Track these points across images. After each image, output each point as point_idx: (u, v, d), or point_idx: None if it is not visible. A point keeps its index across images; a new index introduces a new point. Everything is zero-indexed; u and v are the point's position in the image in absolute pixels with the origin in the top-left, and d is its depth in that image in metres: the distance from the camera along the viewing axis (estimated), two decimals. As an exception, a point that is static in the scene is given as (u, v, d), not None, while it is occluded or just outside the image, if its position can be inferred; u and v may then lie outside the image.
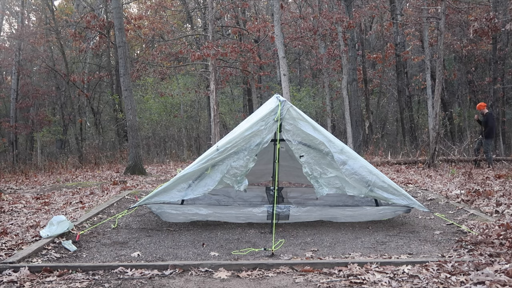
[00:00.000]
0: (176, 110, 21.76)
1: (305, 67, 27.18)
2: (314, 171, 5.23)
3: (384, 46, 21.43)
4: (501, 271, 3.43)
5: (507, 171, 10.36)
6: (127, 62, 12.76)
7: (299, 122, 5.22)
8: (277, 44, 12.92)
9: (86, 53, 22.94)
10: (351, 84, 17.51)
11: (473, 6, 17.75)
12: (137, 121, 13.96)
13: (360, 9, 19.12)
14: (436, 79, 13.44)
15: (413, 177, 9.83)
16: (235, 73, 20.44)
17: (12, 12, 27.10)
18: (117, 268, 3.87)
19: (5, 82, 26.11)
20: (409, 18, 19.98)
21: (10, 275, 3.70)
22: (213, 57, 14.68)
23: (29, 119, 23.06)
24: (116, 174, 12.45)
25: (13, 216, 6.32)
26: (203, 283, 3.55)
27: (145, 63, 19.35)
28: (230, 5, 20.16)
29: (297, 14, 20.38)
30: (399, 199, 5.24)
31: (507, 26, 11.27)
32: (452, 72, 21.82)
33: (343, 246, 4.63)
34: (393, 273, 3.65)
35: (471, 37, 17.17)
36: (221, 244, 4.73)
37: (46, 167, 15.27)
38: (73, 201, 7.36)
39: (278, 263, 3.93)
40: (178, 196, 5.23)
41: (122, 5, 17.20)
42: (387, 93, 24.53)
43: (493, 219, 5.33)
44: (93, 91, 23.70)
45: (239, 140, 5.12)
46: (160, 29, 21.27)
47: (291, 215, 5.45)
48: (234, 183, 5.18)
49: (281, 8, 14.33)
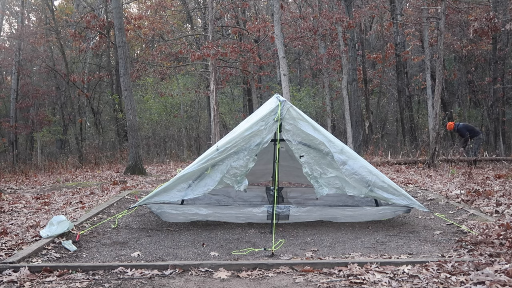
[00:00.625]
0: (176, 110, 21.75)
1: (305, 67, 27.18)
2: (314, 171, 5.23)
3: (384, 46, 21.43)
4: (501, 271, 3.43)
5: (507, 171, 10.36)
6: (127, 62, 12.76)
7: (299, 122, 5.22)
8: (277, 44, 12.92)
9: (86, 53, 22.94)
10: (351, 84, 17.51)
11: (473, 6, 17.75)
12: (137, 121, 13.96)
13: (360, 9, 19.12)
14: (436, 79, 13.44)
15: (413, 177, 9.83)
16: (235, 73, 20.43)
17: (12, 12, 27.10)
18: (117, 268, 3.87)
19: (5, 82, 26.11)
20: (409, 18, 19.98)
21: (10, 275, 3.70)
22: (213, 57, 14.68)
23: (29, 119, 23.06)
24: (116, 174, 12.45)
25: (13, 216, 6.32)
26: (203, 283, 3.56)
27: (145, 63, 19.35)
28: (230, 5, 20.16)
29: (297, 14, 20.37)
30: (399, 199, 5.24)
31: (507, 26, 11.26)
32: (452, 72, 21.82)
33: (343, 246, 4.63)
34: (393, 273, 3.65)
35: (471, 37, 17.17)
36: (221, 244, 4.73)
37: (46, 167, 15.27)
38: (73, 201, 7.36)
39: (278, 263, 3.93)
40: (178, 196, 5.23)
41: (122, 5, 17.18)
42: (387, 93, 24.53)
43: (493, 219, 5.33)
44: (93, 91, 23.70)
45: (239, 140, 5.12)
46: (160, 29, 21.27)
47: (291, 215, 5.45)
48: (234, 183, 5.18)
49: (281, 8, 14.33)
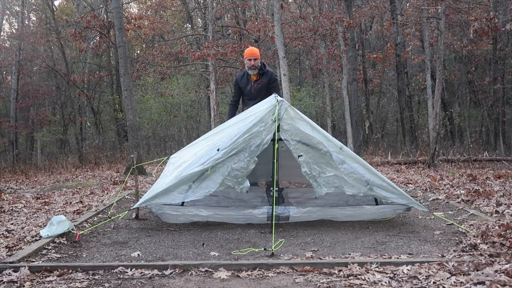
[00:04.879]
0: (176, 110, 21.76)
1: (305, 67, 27.18)
2: (312, 170, 5.23)
3: (384, 46, 21.43)
4: (501, 271, 3.43)
5: (507, 171, 10.36)
6: (127, 62, 12.76)
7: (297, 121, 5.22)
8: (277, 44, 12.92)
9: (86, 53, 22.95)
10: (351, 84, 17.51)
11: (473, 6, 17.74)
12: (137, 121, 13.96)
13: (360, 9, 19.13)
14: (436, 79, 13.44)
15: (413, 177, 9.83)
16: (235, 73, 20.43)
17: (12, 12, 27.12)
18: (117, 268, 3.86)
19: (5, 82, 26.12)
20: (409, 18, 19.98)
21: (10, 275, 3.70)
22: (213, 57, 14.69)
23: (29, 119, 23.07)
24: (116, 174, 12.45)
25: (13, 216, 6.32)
26: (203, 283, 3.55)
27: (145, 63, 19.35)
28: (230, 5, 20.17)
29: (297, 14, 20.39)
30: (398, 197, 5.24)
31: (507, 26, 11.27)
32: (452, 72, 21.82)
33: (343, 246, 4.63)
34: (393, 273, 3.65)
35: (471, 37, 17.18)
36: (221, 244, 4.73)
37: (46, 167, 15.29)
38: (73, 201, 7.36)
39: (278, 263, 3.93)
40: (179, 198, 5.20)
41: (122, 5, 17.19)
42: (387, 93, 24.54)
43: (493, 219, 5.32)
44: (93, 91, 23.70)
45: (240, 142, 5.12)
46: (160, 29, 21.27)
47: (291, 216, 5.45)
48: (235, 185, 5.19)
49: (281, 8, 14.33)
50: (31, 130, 22.70)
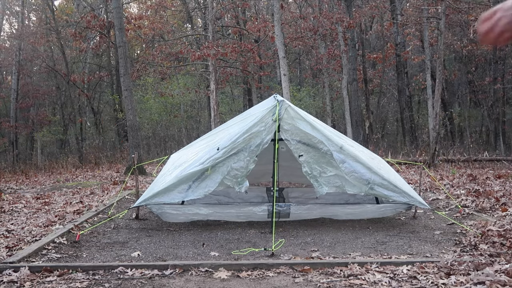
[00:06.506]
0: (176, 110, 21.75)
1: (305, 67, 27.18)
2: (313, 170, 5.22)
3: (384, 46, 21.41)
4: (501, 271, 3.43)
5: (507, 171, 10.35)
6: (127, 62, 12.76)
7: (297, 121, 5.21)
8: (277, 44, 12.92)
9: (86, 53, 22.95)
10: (351, 84, 17.50)
11: (473, 6, 17.73)
12: (137, 121, 13.97)
13: (360, 9, 19.11)
14: (436, 79, 13.44)
15: (413, 177, 9.83)
16: (235, 73, 20.43)
17: (12, 12, 27.09)
18: (117, 268, 3.86)
19: (5, 82, 26.10)
20: (409, 18, 19.97)
21: (10, 275, 3.70)
22: (213, 57, 14.68)
23: (29, 119, 23.06)
24: (116, 174, 12.45)
25: (13, 216, 6.32)
26: (203, 283, 3.55)
27: (145, 63, 19.34)
28: (230, 5, 20.16)
29: (297, 14, 20.37)
30: (399, 196, 5.23)
31: (507, 26, 11.25)
32: (452, 72, 21.81)
33: (343, 246, 4.63)
34: (393, 273, 3.65)
35: (471, 37, 17.17)
36: (221, 244, 4.73)
37: (46, 167, 15.29)
38: (74, 201, 7.36)
39: (278, 263, 3.93)
40: (178, 198, 5.20)
41: (122, 5, 17.19)
42: (387, 93, 24.52)
43: (493, 219, 5.32)
44: (93, 91, 23.70)
45: (240, 142, 5.12)
46: (160, 29, 21.26)
47: (292, 213, 5.45)
48: (235, 185, 5.17)
49: (281, 8, 14.33)
50: (31, 130, 22.69)
